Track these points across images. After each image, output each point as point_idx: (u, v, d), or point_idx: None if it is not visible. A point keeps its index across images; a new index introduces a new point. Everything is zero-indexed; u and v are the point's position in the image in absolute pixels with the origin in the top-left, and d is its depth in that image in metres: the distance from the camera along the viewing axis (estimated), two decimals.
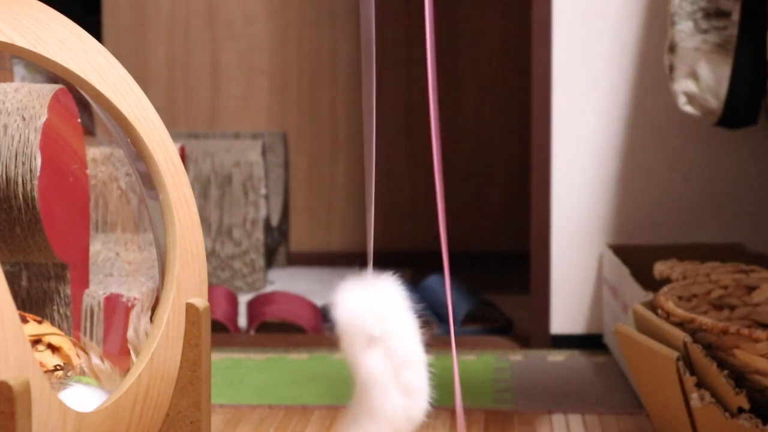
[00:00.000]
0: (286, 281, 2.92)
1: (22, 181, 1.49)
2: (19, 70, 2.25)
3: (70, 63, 1.21)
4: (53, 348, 1.34)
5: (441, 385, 2.03)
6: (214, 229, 2.84)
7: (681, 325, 1.52)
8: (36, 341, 1.33)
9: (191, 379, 1.25)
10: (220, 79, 3.15)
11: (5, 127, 1.51)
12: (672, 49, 2.01)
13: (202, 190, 2.83)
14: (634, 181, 2.23)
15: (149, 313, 1.30)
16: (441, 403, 1.91)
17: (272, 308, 2.45)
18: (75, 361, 1.34)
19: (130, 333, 1.30)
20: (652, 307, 1.62)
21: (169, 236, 1.26)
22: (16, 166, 1.49)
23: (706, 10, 1.98)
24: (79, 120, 1.58)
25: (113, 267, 1.81)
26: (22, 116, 1.51)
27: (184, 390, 1.25)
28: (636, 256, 2.13)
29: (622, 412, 1.83)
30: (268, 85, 3.15)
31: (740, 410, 1.44)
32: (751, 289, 1.71)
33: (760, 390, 1.45)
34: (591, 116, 2.22)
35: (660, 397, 1.57)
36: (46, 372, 1.29)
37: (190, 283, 1.27)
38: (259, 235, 2.83)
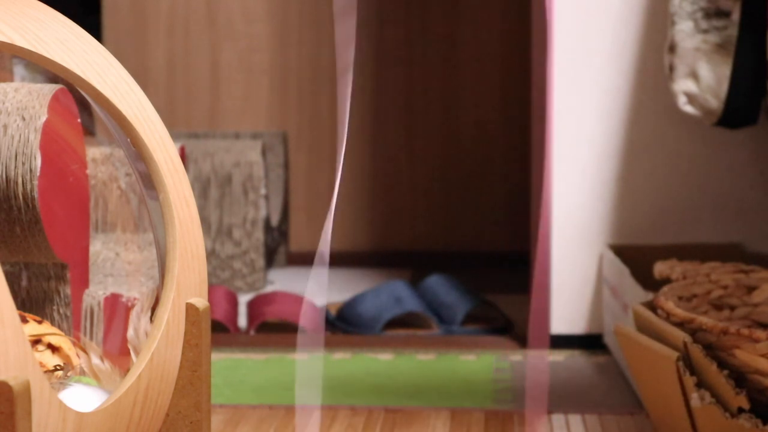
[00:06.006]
0: (286, 281, 2.91)
1: (22, 181, 1.49)
2: (19, 70, 2.25)
3: (70, 63, 1.21)
4: (53, 348, 1.34)
5: (441, 385, 2.03)
6: (214, 229, 2.84)
7: (681, 325, 1.52)
8: (36, 341, 1.33)
9: (191, 379, 1.25)
10: (220, 79, 3.15)
11: (5, 127, 1.51)
12: (672, 49, 2.01)
13: (202, 190, 2.83)
14: (634, 181, 2.23)
15: (149, 313, 1.30)
16: (441, 403, 1.91)
17: (272, 308, 2.45)
18: (75, 361, 1.34)
19: (130, 333, 1.30)
20: (652, 307, 1.62)
21: (169, 236, 1.26)
22: (16, 166, 1.49)
23: (706, 10, 1.98)
24: (79, 120, 1.58)
25: (113, 267, 1.81)
26: (22, 116, 1.51)
27: (184, 390, 1.25)
28: (636, 256, 2.13)
29: (622, 412, 1.83)
30: (268, 85, 3.15)
31: (740, 410, 1.44)
32: (751, 289, 1.71)
33: (760, 390, 1.44)
34: (591, 116, 2.22)
35: (660, 397, 1.57)
36: (46, 372, 1.29)
37: (190, 283, 1.27)
38: (259, 235, 2.83)
